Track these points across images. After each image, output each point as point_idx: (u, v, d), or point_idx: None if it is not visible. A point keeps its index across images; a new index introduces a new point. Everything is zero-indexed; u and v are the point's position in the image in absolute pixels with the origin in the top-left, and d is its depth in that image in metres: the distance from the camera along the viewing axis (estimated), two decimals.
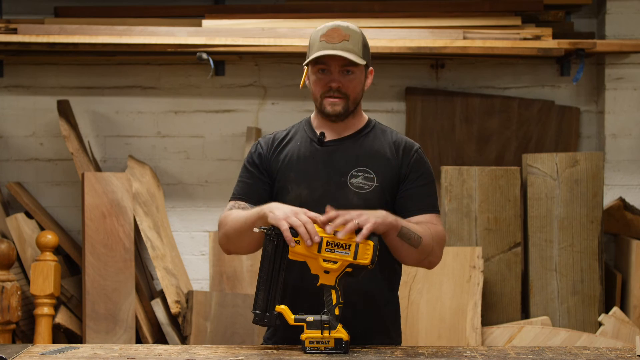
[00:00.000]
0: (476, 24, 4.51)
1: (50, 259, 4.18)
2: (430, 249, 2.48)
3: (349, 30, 2.50)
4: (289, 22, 4.49)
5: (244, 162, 2.65)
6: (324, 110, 2.53)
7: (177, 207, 4.82)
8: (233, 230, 2.50)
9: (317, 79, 2.53)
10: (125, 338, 4.20)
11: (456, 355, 2.38)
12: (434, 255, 2.52)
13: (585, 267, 4.21)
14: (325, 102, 2.52)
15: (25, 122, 4.82)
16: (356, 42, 2.50)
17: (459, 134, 4.71)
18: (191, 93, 4.82)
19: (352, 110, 2.56)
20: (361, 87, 2.56)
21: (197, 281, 4.76)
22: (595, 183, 4.23)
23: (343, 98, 2.52)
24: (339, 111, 2.52)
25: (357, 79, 2.53)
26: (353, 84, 2.52)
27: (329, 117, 2.55)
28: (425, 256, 2.49)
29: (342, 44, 2.47)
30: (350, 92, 2.52)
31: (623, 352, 2.41)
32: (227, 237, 2.54)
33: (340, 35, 2.48)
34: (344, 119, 2.56)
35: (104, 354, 2.37)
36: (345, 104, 2.52)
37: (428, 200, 2.56)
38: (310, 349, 2.34)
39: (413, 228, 2.44)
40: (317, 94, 2.54)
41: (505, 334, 4.04)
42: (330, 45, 2.47)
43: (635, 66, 4.66)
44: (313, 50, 2.50)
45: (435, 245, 2.49)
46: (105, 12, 4.68)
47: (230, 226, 2.51)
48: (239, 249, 2.57)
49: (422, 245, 2.45)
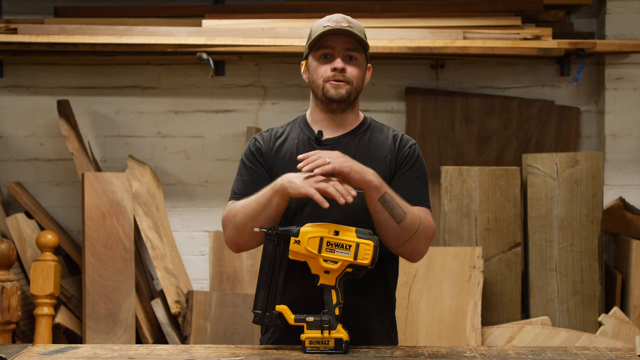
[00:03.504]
0: (476, 24, 4.51)
1: (50, 259, 4.18)
2: (414, 232, 2.41)
3: (352, 20, 2.54)
4: (289, 22, 4.49)
5: (242, 159, 2.60)
6: (327, 93, 2.50)
7: (177, 207, 4.82)
8: (245, 217, 2.43)
9: (319, 65, 2.51)
10: (125, 338, 4.20)
11: (456, 355, 2.38)
12: (418, 242, 2.44)
13: (585, 267, 4.21)
14: (328, 85, 2.49)
15: (25, 122, 4.82)
16: (359, 30, 2.52)
17: (459, 134, 4.71)
18: (191, 93, 4.82)
19: (354, 100, 2.54)
20: (362, 77, 2.54)
21: (197, 281, 4.76)
22: (595, 183, 4.23)
23: (347, 83, 2.49)
24: (342, 94, 2.49)
25: (360, 67, 2.52)
26: (356, 71, 2.50)
27: (331, 102, 2.51)
28: (407, 237, 2.41)
29: (346, 27, 2.49)
30: (353, 78, 2.50)
31: (623, 352, 2.41)
32: (237, 229, 2.47)
33: (344, 20, 2.51)
34: (345, 108, 2.54)
35: (104, 354, 2.37)
36: (349, 88, 2.49)
37: (418, 193, 2.51)
38: (310, 349, 2.34)
39: (399, 201, 2.39)
40: (319, 80, 2.50)
41: (505, 334, 4.04)
42: (334, 27, 2.48)
43: (635, 66, 4.67)
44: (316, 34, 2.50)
45: (420, 231, 2.42)
46: (105, 12, 4.68)
47: (241, 215, 2.45)
48: (249, 241, 2.49)
49: (405, 222, 2.38)
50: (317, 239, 2.31)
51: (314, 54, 2.52)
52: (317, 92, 2.53)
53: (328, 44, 2.49)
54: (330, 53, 2.49)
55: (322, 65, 2.50)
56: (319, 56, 2.51)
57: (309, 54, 2.54)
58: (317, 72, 2.51)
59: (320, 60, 2.51)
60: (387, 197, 2.37)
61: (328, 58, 2.50)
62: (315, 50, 2.51)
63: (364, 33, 2.56)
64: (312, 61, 2.53)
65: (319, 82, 2.51)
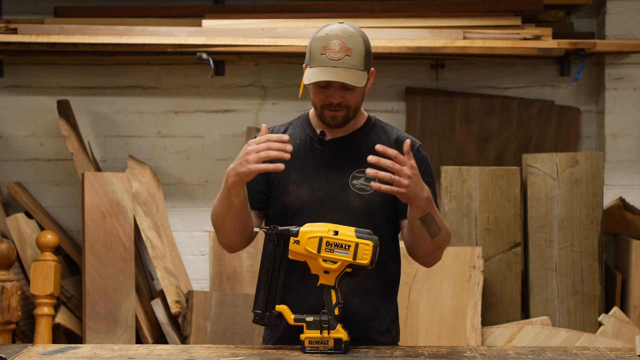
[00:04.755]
0: (476, 24, 4.51)
1: (50, 259, 4.18)
2: (442, 244, 2.45)
3: (350, 42, 2.40)
4: (289, 22, 4.49)
5: None
6: (324, 120, 2.49)
7: (177, 207, 4.82)
8: (216, 219, 2.45)
9: (317, 92, 2.46)
10: (125, 338, 4.20)
11: (456, 355, 2.37)
12: (441, 252, 2.49)
13: (585, 267, 4.21)
14: (325, 113, 2.47)
15: (25, 122, 4.82)
16: (358, 54, 2.41)
17: (459, 134, 4.71)
18: (191, 93, 4.82)
19: (353, 116, 2.52)
20: (362, 95, 2.50)
21: (197, 281, 4.76)
22: (595, 183, 4.23)
23: (344, 109, 2.46)
24: (339, 122, 2.48)
25: (358, 91, 2.47)
26: (354, 96, 2.46)
27: (328, 126, 2.51)
28: (435, 249, 2.45)
29: (343, 60, 2.38)
30: (351, 103, 2.46)
31: (623, 352, 2.41)
32: (216, 232, 2.49)
33: (342, 49, 2.39)
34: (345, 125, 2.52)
35: (104, 354, 2.37)
36: (345, 114, 2.47)
37: None
38: (310, 349, 2.34)
39: (438, 217, 2.40)
40: (317, 104, 2.48)
41: (505, 334, 4.04)
42: (331, 62, 2.38)
43: (635, 66, 4.66)
44: (313, 62, 2.41)
45: (445, 242, 2.47)
46: (105, 12, 4.68)
47: (214, 218, 2.47)
48: (233, 241, 2.49)
49: (438, 237, 2.41)
50: (316, 238, 2.31)
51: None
52: (315, 112, 2.52)
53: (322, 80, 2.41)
54: (328, 85, 2.43)
55: (320, 93, 2.45)
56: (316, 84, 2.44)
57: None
58: (314, 96, 2.47)
59: (318, 87, 2.44)
60: (429, 217, 2.37)
61: (326, 88, 2.44)
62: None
63: (366, 50, 2.44)
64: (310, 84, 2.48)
65: (316, 105, 2.48)
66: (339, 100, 2.44)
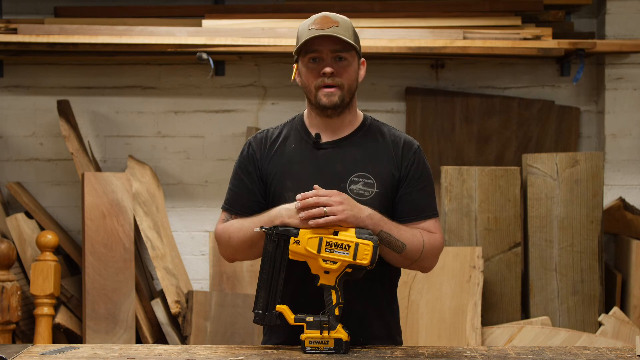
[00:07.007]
0: (476, 24, 4.51)
1: (50, 259, 4.18)
2: (418, 256, 2.44)
3: (337, 18, 2.46)
4: (289, 22, 4.49)
5: (235, 167, 2.58)
6: (320, 102, 2.46)
7: (177, 207, 4.82)
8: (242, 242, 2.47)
9: (309, 70, 2.46)
10: (125, 338, 4.20)
11: (456, 355, 2.38)
12: (425, 262, 2.48)
13: (585, 267, 4.21)
14: (320, 93, 2.45)
15: (25, 122, 4.82)
16: (346, 28, 2.45)
17: (459, 134, 4.71)
18: (191, 93, 4.82)
19: (349, 102, 2.49)
20: (355, 75, 2.49)
21: (197, 281, 4.76)
22: (595, 183, 4.23)
23: (338, 87, 2.45)
24: (335, 102, 2.45)
25: (351, 67, 2.46)
26: (347, 72, 2.45)
27: (325, 109, 2.47)
28: (410, 262, 2.45)
29: (332, 29, 2.41)
30: (344, 79, 2.45)
31: (623, 352, 2.41)
32: (234, 251, 2.50)
33: (329, 22, 2.43)
34: (341, 112, 2.49)
35: (104, 354, 2.38)
36: (341, 94, 2.45)
37: (426, 205, 2.51)
38: (310, 349, 2.34)
39: (396, 234, 2.39)
40: (310, 85, 2.47)
41: (505, 334, 4.04)
42: (320, 31, 2.41)
43: (635, 66, 4.66)
44: (302, 39, 2.45)
45: (425, 253, 2.45)
46: (105, 12, 4.68)
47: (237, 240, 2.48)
48: (247, 257, 2.54)
49: (405, 251, 2.41)
50: (316, 239, 2.31)
51: (303, 58, 2.48)
52: (310, 97, 2.50)
53: (314, 48, 2.44)
54: (319, 56, 2.45)
55: (312, 70, 2.46)
56: (307, 60, 2.46)
57: (298, 58, 2.50)
58: (307, 78, 2.47)
59: (309, 65, 2.46)
60: (383, 234, 2.38)
61: (317, 62, 2.45)
62: (303, 55, 2.47)
63: (353, 30, 2.49)
64: (302, 66, 2.49)
65: (310, 88, 2.48)
66: (332, 69, 2.43)
